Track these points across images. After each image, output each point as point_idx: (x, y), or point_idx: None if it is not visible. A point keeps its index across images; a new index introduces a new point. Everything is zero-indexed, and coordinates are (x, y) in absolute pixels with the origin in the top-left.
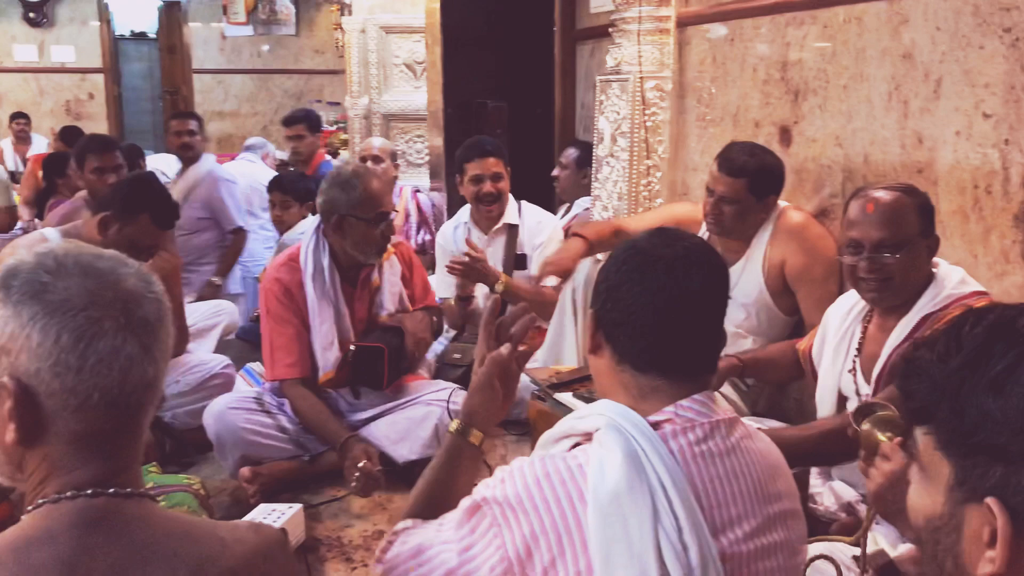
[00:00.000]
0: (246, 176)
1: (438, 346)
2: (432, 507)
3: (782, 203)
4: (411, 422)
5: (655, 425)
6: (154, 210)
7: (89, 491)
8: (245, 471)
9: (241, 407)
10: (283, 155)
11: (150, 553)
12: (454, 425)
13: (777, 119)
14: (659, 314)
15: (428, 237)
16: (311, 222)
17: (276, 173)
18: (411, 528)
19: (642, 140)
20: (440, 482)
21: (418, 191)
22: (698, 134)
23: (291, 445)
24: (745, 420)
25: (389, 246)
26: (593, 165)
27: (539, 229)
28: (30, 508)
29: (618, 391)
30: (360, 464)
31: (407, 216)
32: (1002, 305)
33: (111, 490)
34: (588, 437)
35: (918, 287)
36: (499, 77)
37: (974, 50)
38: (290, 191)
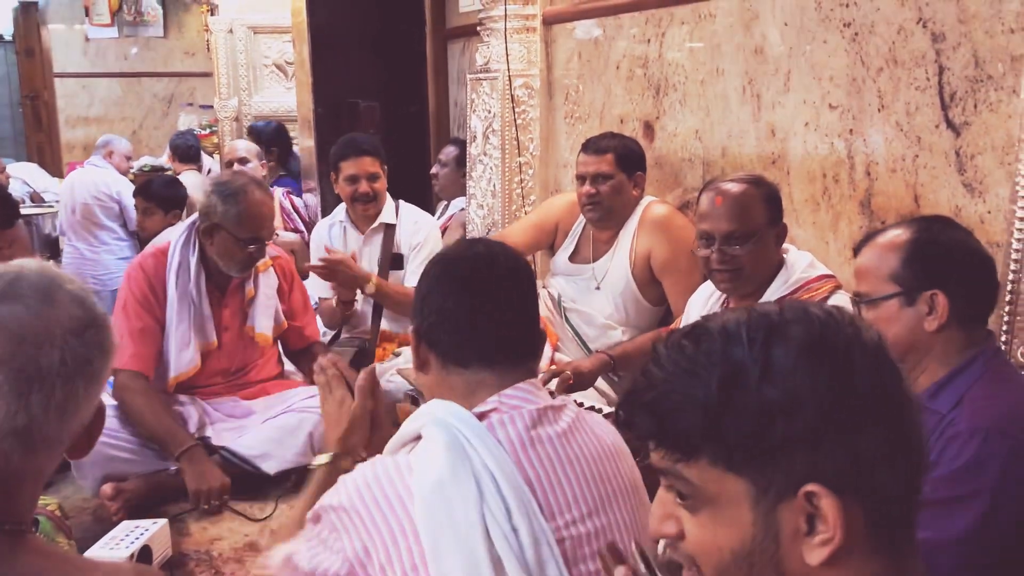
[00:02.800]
0: (85, 185)
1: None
2: None
3: (648, 197)
4: (283, 431)
5: (481, 416)
6: None
7: None
8: (107, 488)
9: None
10: (149, 158)
11: None
12: (325, 459)
13: (640, 114)
14: (470, 306)
15: (295, 236)
16: (178, 231)
17: (122, 176)
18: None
19: (513, 138)
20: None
21: (290, 192)
22: (567, 131)
23: (154, 459)
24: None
25: (268, 258)
26: (467, 163)
27: (416, 229)
28: None
29: (449, 398)
30: (213, 502)
31: (284, 216)
32: (690, 324)
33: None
34: (419, 439)
35: (769, 274)
36: (371, 76)
37: (819, 44)
38: (154, 198)
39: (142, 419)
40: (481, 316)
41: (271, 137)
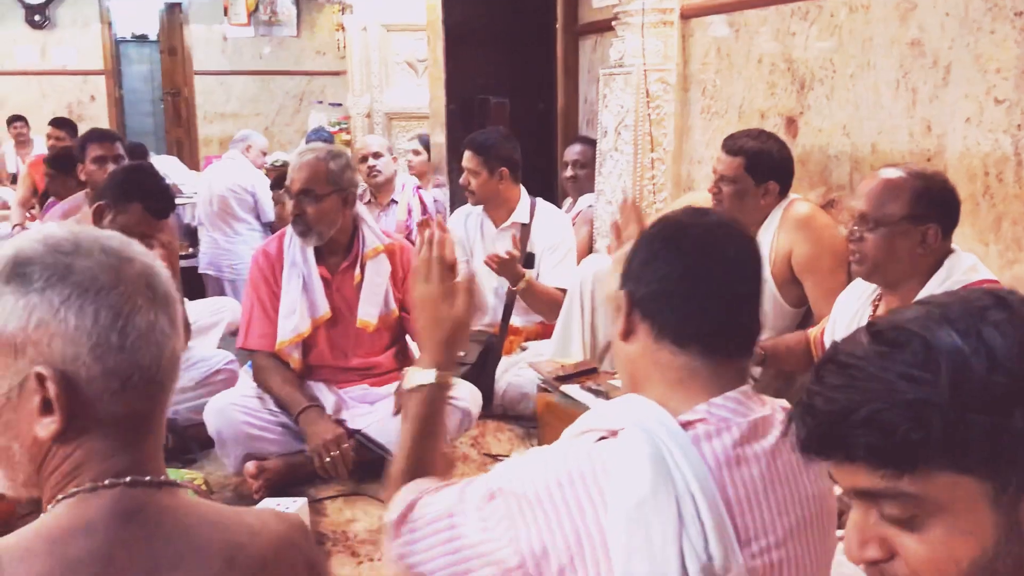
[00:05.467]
0: (222, 178)
1: None
2: (423, 467)
3: (790, 195)
4: None
5: (686, 425)
6: (147, 199)
7: (128, 479)
8: (250, 466)
9: (243, 404)
10: (281, 154)
11: (184, 544)
12: (425, 377)
13: (783, 109)
14: (698, 281)
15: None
16: None
17: (258, 170)
18: (431, 491)
19: (646, 133)
20: (427, 438)
21: (420, 187)
22: (703, 126)
23: (293, 441)
24: None
25: (379, 245)
26: (597, 159)
27: (551, 229)
28: (60, 498)
29: (652, 376)
30: (332, 453)
31: (409, 211)
32: (864, 331)
33: (147, 478)
34: (613, 433)
35: (916, 272)
36: (501, 73)
37: (985, 35)
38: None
39: (271, 388)
40: (710, 293)
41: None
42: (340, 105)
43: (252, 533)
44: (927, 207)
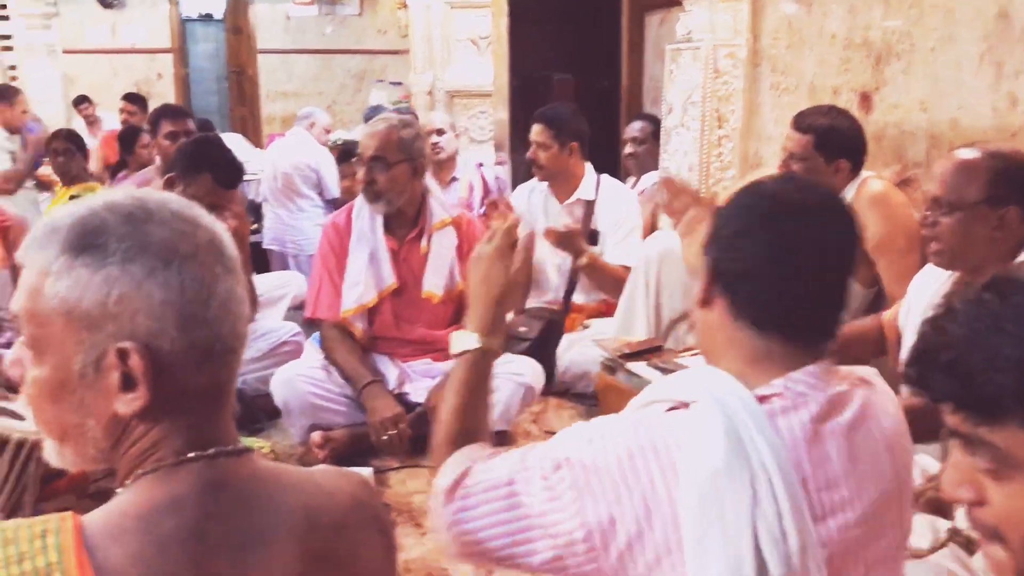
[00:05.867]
0: (286, 155)
1: None
2: (471, 434)
3: (864, 172)
4: None
5: (762, 399)
6: (216, 170)
7: (212, 451)
8: (316, 436)
9: (309, 375)
10: (342, 132)
11: (269, 513)
12: (471, 342)
13: (857, 85)
14: (789, 266)
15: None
16: None
17: (321, 146)
18: (484, 459)
19: (714, 110)
20: (474, 405)
21: (482, 164)
22: (772, 103)
23: (358, 412)
24: None
25: (446, 217)
26: (661, 136)
27: (617, 205)
28: (141, 473)
29: (726, 350)
30: (390, 432)
31: (471, 189)
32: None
33: (229, 447)
34: (684, 405)
35: (1002, 255)
36: (565, 49)
37: None
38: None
39: (336, 360)
40: (798, 283)
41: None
42: (400, 84)
43: (328, 495)
44: (1006, 188)
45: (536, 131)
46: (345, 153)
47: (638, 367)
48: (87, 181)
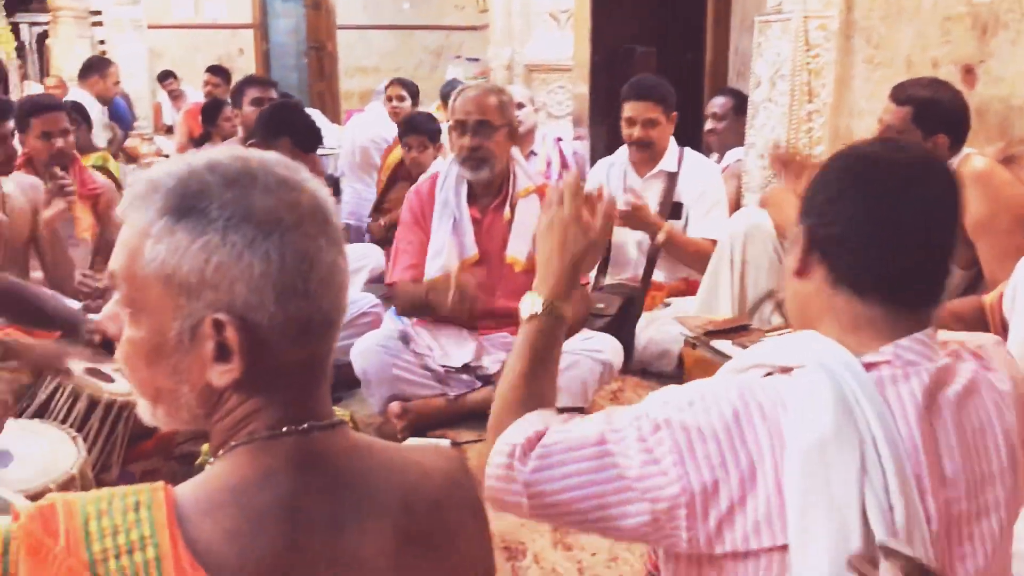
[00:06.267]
0: (364, 129)
1: None
2: (539, 399)
3: (965, 149)
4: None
5: (869, 367)
6: (295, 134)
7: (305, 425)
8: (395, 406)
9: (388, 345)
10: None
11: (362, 490)
12: (537, 306)
13: (959, 57)
14: (890, 227)
15: None
16: (442, 163)
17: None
18: (559, 421)
19: (804, 84)
20: (542, 370)
21: (560, 139)
22: (865, 76)
23: (436, 383)
24: None
25: (530, 185)
26: (748, 111)
27: (700, 178)
28: (234, 444)
29: (824, 320)
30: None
31: (548, 163)
32: None
33: (323, 422)
34: (785, 370)
35: None
36: (649, 22)
37: None
38: (424, 131)
39: (404, 295)
40: (899, 242)
41: None
42: (477, 60)
43: (423, 474)
44: None
45: (643, 108)
46: (407, 125)
47: (723, 345)
48: (95, 151)
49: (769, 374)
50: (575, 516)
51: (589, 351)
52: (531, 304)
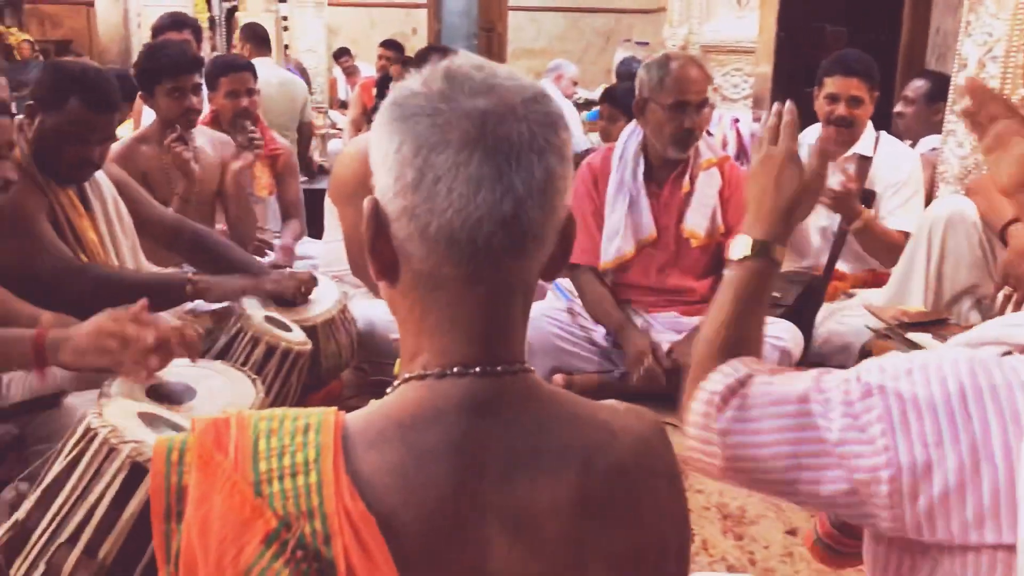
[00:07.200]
0: None
1: None
2: (743, 345)
3: None
4: None
5: None
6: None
7: (476, 369)
8: (558, 378)
9: (554, 316)
10: (584, 91)
11: (539, 441)
12: (745, 249)
13: None
14: None
15: (745, 167)
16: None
17: (566, 99)
18: (763, 372)
19: (1019, 66)
20: (749, 316)
21: (738, 120)
22: None
23: (601, 359)
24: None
25: (712, 158)
26: (951, 96)
27: (897, 165)
28: (408, 377)
29: None
30: (644, 363)
31: (724, 144)
32: None
33: (499, 368)
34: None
35: None
36: (839, 1)
37: None
38: (619, 104)
39: (590, 306)
40: None
41: None
42: (647, 44)
43: (611, 433)
44: None
45: (849, 84)
46: (610, 93)
47: (921, 338)
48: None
49: (1008, 353)
50: (769, 475)
51: (768, 337)
52: (742, 246)
